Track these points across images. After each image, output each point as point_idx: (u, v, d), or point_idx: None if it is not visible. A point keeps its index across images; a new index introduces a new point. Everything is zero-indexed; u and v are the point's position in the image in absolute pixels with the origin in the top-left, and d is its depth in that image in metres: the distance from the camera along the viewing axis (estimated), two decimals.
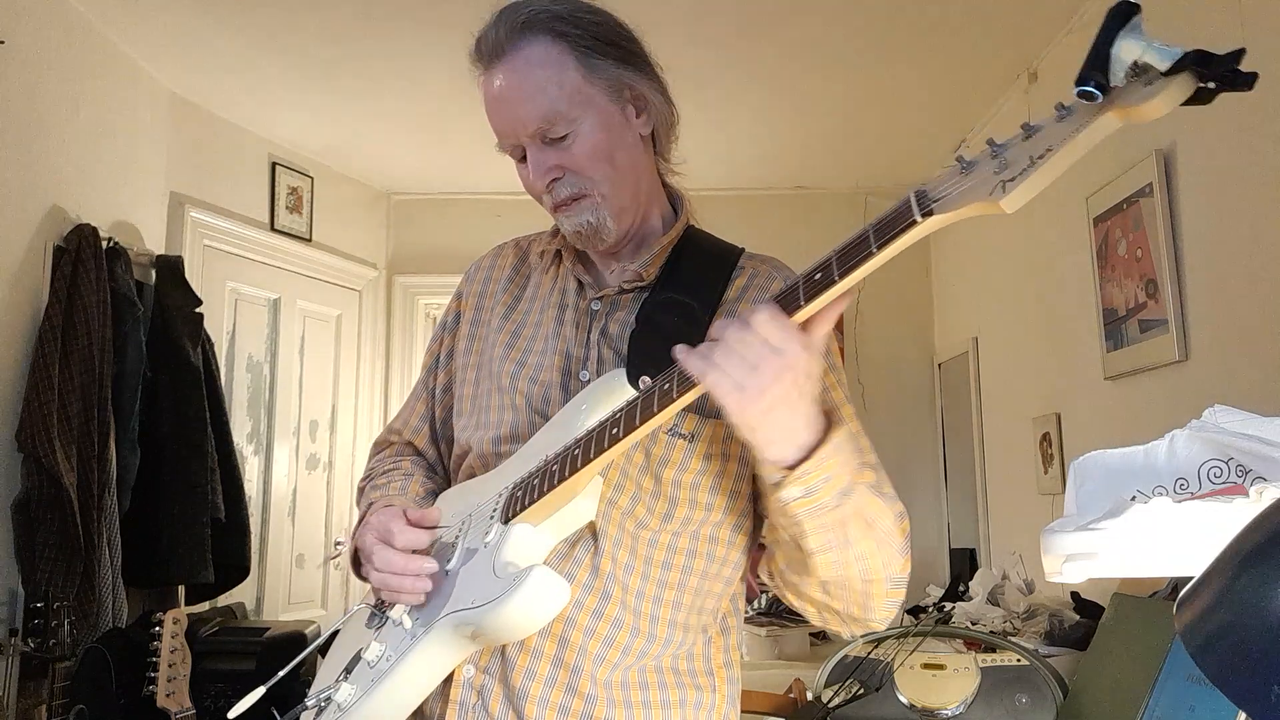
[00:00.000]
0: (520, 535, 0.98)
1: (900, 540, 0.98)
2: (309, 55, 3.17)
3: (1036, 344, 3.20)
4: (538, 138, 1.07)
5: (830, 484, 0.89)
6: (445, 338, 1.27)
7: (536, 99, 1.05)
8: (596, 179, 1.08)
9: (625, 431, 0.90)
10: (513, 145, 1.10)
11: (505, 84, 1.07)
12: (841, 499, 0.90)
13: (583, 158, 1.07)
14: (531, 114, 1.05)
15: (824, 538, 0.92)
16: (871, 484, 0.94)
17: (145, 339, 2.90)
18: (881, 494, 0.96)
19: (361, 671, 1.03)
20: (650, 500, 1.03)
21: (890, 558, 0.96)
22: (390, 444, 1.31)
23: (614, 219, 1.10)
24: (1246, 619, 0.53)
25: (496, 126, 1.10)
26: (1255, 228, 1.99)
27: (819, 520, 0.90)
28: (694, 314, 1.07)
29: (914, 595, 3.49)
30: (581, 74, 1.07)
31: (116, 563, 2.66)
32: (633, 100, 1.11)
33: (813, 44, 3.09)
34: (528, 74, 1.06)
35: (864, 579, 0.96)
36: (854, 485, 0.91)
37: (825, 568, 0.94)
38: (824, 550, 0.92)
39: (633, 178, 1.12)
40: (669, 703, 1.04)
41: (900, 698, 1.95)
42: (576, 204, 1.09)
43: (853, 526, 0.92)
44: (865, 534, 0.93)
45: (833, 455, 0.88)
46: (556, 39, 1.06)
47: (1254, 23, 1.97)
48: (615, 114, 1.09)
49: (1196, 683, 1.47)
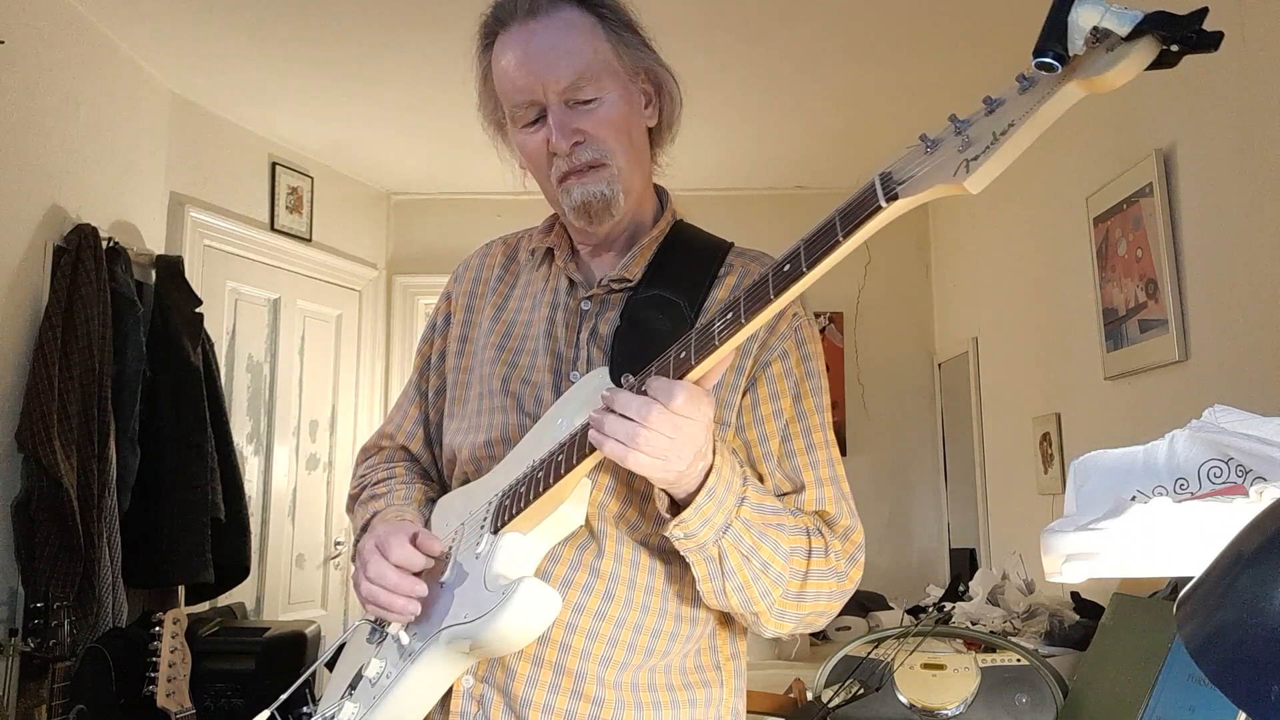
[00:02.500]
0: (510, 545, 0.98)
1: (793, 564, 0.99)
2: (309, 55, 3.17)
3: (1036, 344, 3.20)
4: (564, 98, 1.06)
5: (708, 525, 0.94)
6: (436, 340, 1.26)
7: (574, 56, 1.05)
8: (615, 150, 1.08)
9: None
10: (530, 104, 1.07)
11: (541, 39, 1.06)
12: (719, 535, 0.95)
13: (607, 126, 1.07)
14: (567, 69, 1.05)
15: (705, 569, 0.97)
16: (750, 517, 0.96)
17: (145, 339, 2.90)
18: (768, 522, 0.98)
19: (364, 689, 1.03)
20: (641, 502, 1.03)
21: (768, 587, 0.99)
22: (381, 449, 1.29)
23: (624, 195, 1.10)
24: (1246, 619, 0.53)
25: (520, 82, 1.07)
26: (1255, 228, 1.99)
27: (699, 555, 0.96)
28: (680, 312, 1.07)
29: (914, 595, 3.49)
30: (611, 47, 1.08)
31: (116, 563, 2.66)
32: (643, 90, 1.12)
33: (812, 44, 3.08)
34: (565, 33, 1.06)
35: (744, 608, 1.00)
36: (730, 522, 0.95)
37: (709, 597, 1.00)
38: (703, 580, 0.98)
39: (643, 160, 1.13)
40: (679, 702, 1.04)
41: (900, 698, 1.95)
42: (594, 172, 1.07)
43: (728, 560, 0.96)
44: (741, 565, 0.97)
45: (707, 500, 0.92)
46: (590, 11, 1.08)
47: (1254, 22, 1.97)
48: (635, 94, 1.11)
49: (1196, 683, 1.47)
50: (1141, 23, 0.61)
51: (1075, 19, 0.63)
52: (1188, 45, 0.61)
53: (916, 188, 0.71)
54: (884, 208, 0.73)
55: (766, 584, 0.98)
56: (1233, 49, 2.01)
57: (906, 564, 4.20)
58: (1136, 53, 0.62)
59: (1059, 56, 0.64)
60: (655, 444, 0.85)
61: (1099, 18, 0.62)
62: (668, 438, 0.86)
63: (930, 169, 0.71)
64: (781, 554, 0.98)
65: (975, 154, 0.68)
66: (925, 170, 0.71)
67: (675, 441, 0.86)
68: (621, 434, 0.86)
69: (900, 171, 0.73)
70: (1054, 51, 0.63)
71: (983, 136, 0.68)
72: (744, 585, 0.97)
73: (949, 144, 0.70)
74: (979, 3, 2.80)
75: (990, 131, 0.68)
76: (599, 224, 1.10)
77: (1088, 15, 0.63)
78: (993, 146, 0.67)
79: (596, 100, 1.06)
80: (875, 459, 4.20)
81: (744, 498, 0.96)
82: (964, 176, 0.67)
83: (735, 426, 1.06)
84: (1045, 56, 0.64)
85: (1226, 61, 2.02)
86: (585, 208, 1.09)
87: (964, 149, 0.69)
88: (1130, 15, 0.62)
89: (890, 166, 0.74)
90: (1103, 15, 0.62)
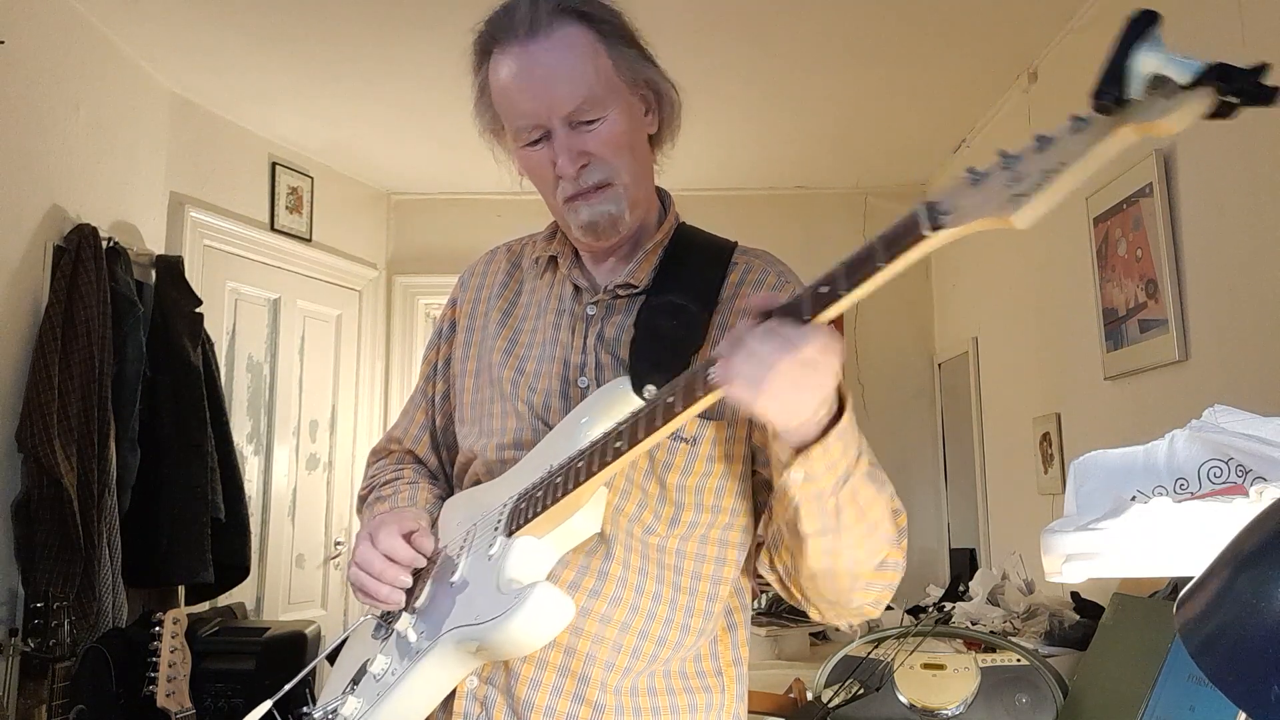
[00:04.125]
0: (524, 549, 0.97)
1: (891, 530, 0.98)
2: (309, 55, 3.17)
3: (1036, 344, 3.20)
4: (568, 120, 1.05)
5: (831, 470, 0.90)
6: (442, 345, 1.27)
7: (577, 80, 1.04)
8: (621, 168, 1.08)
9: (629, 445, 0.90)
10: (534, 126, 1.07)
11: (543, 62, 1.05)
12: (839, 485, 0.91)
13: (610, 145, 1.06)
14: (570, 94, 1.04)
15: (819, 522, 0.93)
16: (868, 471, 0.95)
17: (145, 339, 2.90)
18: (876, 481, 0.96)
19: (367, 684, 1.03)
20: (657, 505, 1.03)
21: (877, 546, 0.97)
22: (390, 452, 1.30)
23: (630, 211, 1.10)
24: (1246, 619, 0.53)
25: (522, 106, 1.06)
26: (1255, 228, 1.99)
27: (816, 505, 0.92)
28: (691, 315, 1.07)
29: (914, 595, 3.49)
30: (611, 63, 1.07)
31: (116, 563, 2.66)
32: (644, 98, 1.12)
33: (812, 44, 3.08)
34: (568, 54, 1.05)
35: (850, 569, 0.97)
36: (851, 472, 0.92)
37: (815, 555, 0.95)
38: (817, 535, 0.94)
39: (648, 172, 1.13)
40: (678, 708, 1.03)
41: (900, 698, 1.95)
42: (601, 192, 1.07)
43: (846, 513, 0.93)
44: (857, 521, 0.94)
45: (836, 441, 0.89)
46: (590, 26, 1.07)
47: (1254, 23, 1.97)
48: (636, 106, 1.10)
49: (1196, 683, 1.47)
50: (1203, 73, 0.61)
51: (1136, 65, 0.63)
52: (1246, 98, 0.62)
53: (963, 219, 0.72)
54: (928, 236, 0.73)
55: (876, 543, 0.96)
56: (1233, 49, 2.01)
57: (907, 564, 4.19)
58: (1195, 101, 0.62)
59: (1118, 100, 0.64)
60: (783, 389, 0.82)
61: (1160, 65, 0.63)
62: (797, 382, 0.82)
63: (978, 201, 0.71)
64: (887, 516, 0.97)
65: (1024, 190, 0.68)
66: (973, 203, 0.71)
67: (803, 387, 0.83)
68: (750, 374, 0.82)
69: (945, 202, 0.73)
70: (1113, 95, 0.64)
71: (1032, 173, 0.68)
72: (855, 543, 0.95)
73: (996, 178, 0.70)
74: (979, 3, 2.80)
75: (1040, 168, 0.68)
76: (605, 240, 1.11)
77: (1149, 62, 0.63)
78: (1043, 183, 0.67)
79: (600, 120, 1.05)
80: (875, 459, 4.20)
81: (861, 450, 0.93)
82: (1012, 211, 0.68)
83: None
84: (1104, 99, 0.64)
85: None
86: (593, 227, 1.09)
87: (1011, 184, 0.69)
88: (1192, 65, 0.62)
89: (934, 197, 0.74)
90: (1164, 63, 0.62)
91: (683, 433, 1.03)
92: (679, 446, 1.03)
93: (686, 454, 1.03)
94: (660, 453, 1.03)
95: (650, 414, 0.89)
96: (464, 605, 0.98)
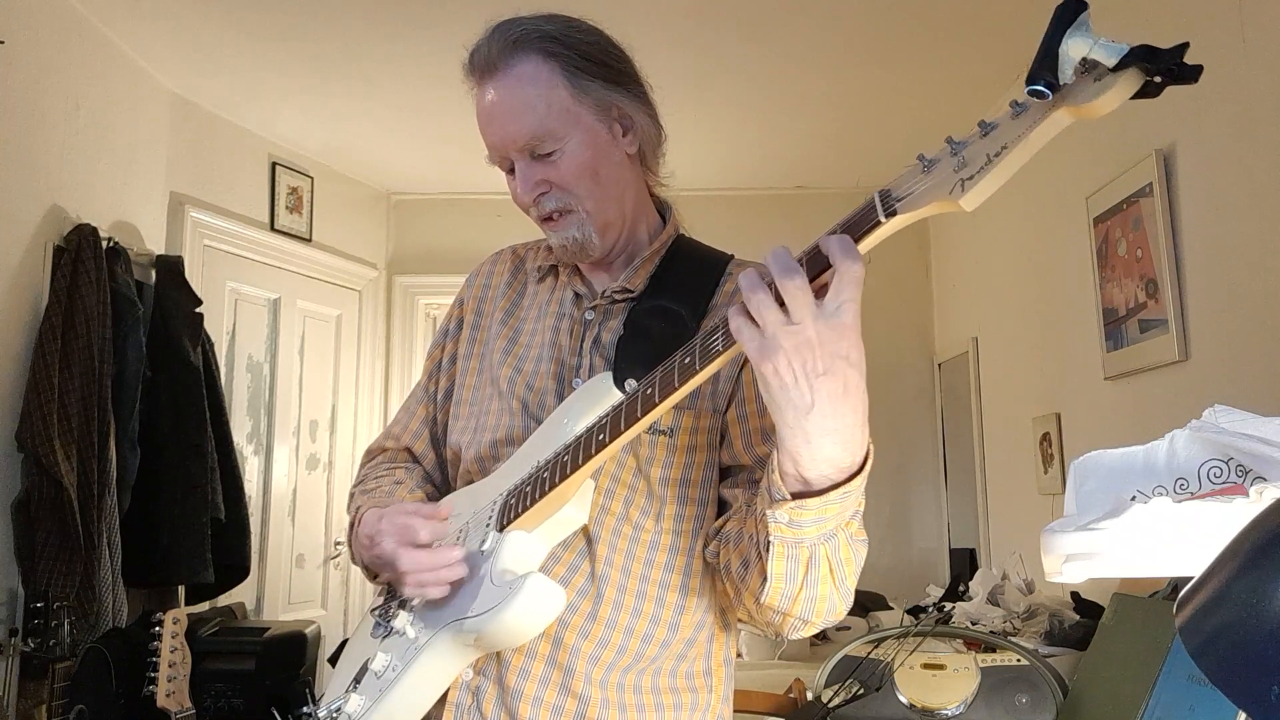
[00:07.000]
0: (515, 542, 1.00)
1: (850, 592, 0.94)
2: (309, 55, 3.17)
3: (1036, 344, 3.20)
4: (526, 153, 1.09)
5: (819, 526, 0.85)
6: (447, 344, 1.29)
7: (525, 116, 1.08)
8: (581, 194, 1.11)
9: (611, 436, 0.91)
10: (501, 158, 1.13)
11: (496, 100, 1.09)
12: (821, 542, 0.87)
13: (568, 174, 1.09)
14: (520, 130, 1.08)
15: (786, 567, 0.88)
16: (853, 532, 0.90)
17: (145, 339, 2.90)
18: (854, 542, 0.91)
19: (369, 682, 1.05)
20: (643, 501, 1.05)
21: (834, 606, 0.93)
22: (384, 449, 1.31)
23: (598, 234, 1.12)
24: (1246, 619, 0.53)
25: (487, 140, 1.12)
26: (1255, 228, 1.99)
27: (790, 552, 0.87)
28: (681, 320, 1.09)
29: (914, 595, 3.49)
30: (570, 93, 1.09)
31: (116, 563, 2.66)
32: (619, 119, 1.13)
33: (811, 45, 3.09)
34: (518, 91, 1.08)
35: (802, 617, 0.93)
36: (837, 532, 0.87)
37: (774, 595, 0.91)
38: (779, 578, 0.89)
39: (617, 193, 1.14)
40: (663, 705, 1.05)
41: (900, 698, 1.95)
42: (563, 218, 1.12)
43: (815, 569, 0.89)
44: (825, 579, 0.90)
45: (839, 500, 0.84)
46: (547, 58, 1.09)
47: (1254, 23, 1.97)
48: (602, 132, 1.12)
49: (1196, 683, 1.47)
50: (1127, 55, 0.65)
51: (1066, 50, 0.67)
52: (1170, 77, 0.66)
53: (914, 205, 0.75)
54: (883, 223, 0.77)
55: (836, 600, 0.92)
56: (1233, 49, 2.01)
57: (906, 564, 4.20)
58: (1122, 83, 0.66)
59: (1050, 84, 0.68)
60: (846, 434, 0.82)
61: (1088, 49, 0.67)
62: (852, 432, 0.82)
63: (927, 187, 0.75)
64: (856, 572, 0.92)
65: (970, 174, 0.72)
66: (923, 188, 0.75)
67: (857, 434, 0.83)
68: None
69: (899, 189, 0.77)
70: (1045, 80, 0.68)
71: (977, 157, 0.72)
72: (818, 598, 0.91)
73: (945, 164, 0.74)
74: (979, 3, 2.80)
75: (984, 153, 0.72)
76: (581, 260, 1.16)
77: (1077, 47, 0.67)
78: (987, 167, 0.71)
79: (558, 151, 1.08)
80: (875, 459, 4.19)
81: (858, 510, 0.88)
82: (959, 195, 0.72)
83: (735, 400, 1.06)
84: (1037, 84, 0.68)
85: (1226, 62, 2.02)
86: (563, 250, 1.14)
87: (959, 169, 0.73)
88: (1117, 48, 0.66)
89: (889, 184, 0.78)
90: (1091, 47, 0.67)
91: (660, 425, 1.05)
92: (658, 439, 1.05)
93: (666, 446, 1.05)
94: (643, 449, 1.05)
95: (630, 406, 0.91)
96: (459, 599, 1.01)
